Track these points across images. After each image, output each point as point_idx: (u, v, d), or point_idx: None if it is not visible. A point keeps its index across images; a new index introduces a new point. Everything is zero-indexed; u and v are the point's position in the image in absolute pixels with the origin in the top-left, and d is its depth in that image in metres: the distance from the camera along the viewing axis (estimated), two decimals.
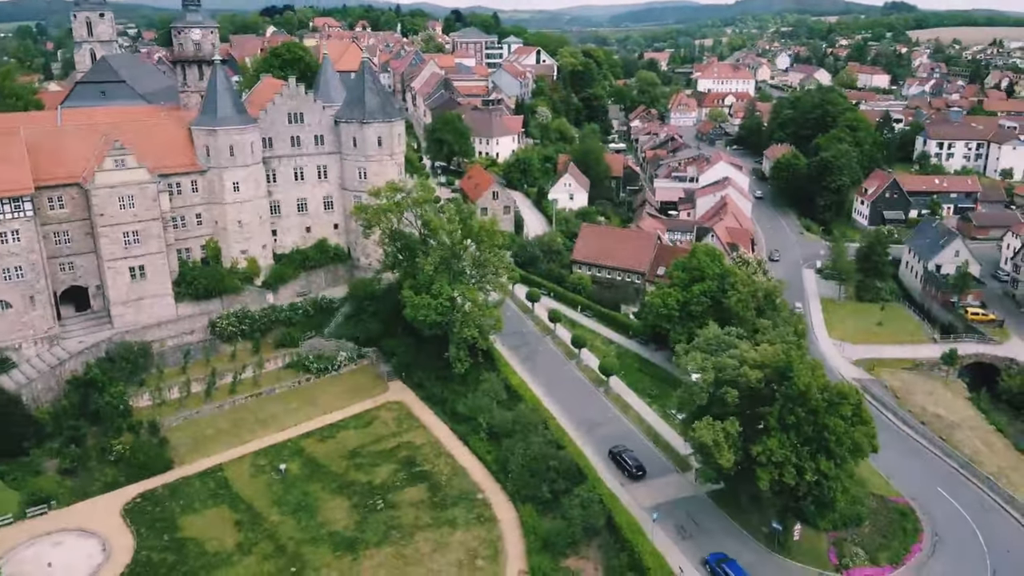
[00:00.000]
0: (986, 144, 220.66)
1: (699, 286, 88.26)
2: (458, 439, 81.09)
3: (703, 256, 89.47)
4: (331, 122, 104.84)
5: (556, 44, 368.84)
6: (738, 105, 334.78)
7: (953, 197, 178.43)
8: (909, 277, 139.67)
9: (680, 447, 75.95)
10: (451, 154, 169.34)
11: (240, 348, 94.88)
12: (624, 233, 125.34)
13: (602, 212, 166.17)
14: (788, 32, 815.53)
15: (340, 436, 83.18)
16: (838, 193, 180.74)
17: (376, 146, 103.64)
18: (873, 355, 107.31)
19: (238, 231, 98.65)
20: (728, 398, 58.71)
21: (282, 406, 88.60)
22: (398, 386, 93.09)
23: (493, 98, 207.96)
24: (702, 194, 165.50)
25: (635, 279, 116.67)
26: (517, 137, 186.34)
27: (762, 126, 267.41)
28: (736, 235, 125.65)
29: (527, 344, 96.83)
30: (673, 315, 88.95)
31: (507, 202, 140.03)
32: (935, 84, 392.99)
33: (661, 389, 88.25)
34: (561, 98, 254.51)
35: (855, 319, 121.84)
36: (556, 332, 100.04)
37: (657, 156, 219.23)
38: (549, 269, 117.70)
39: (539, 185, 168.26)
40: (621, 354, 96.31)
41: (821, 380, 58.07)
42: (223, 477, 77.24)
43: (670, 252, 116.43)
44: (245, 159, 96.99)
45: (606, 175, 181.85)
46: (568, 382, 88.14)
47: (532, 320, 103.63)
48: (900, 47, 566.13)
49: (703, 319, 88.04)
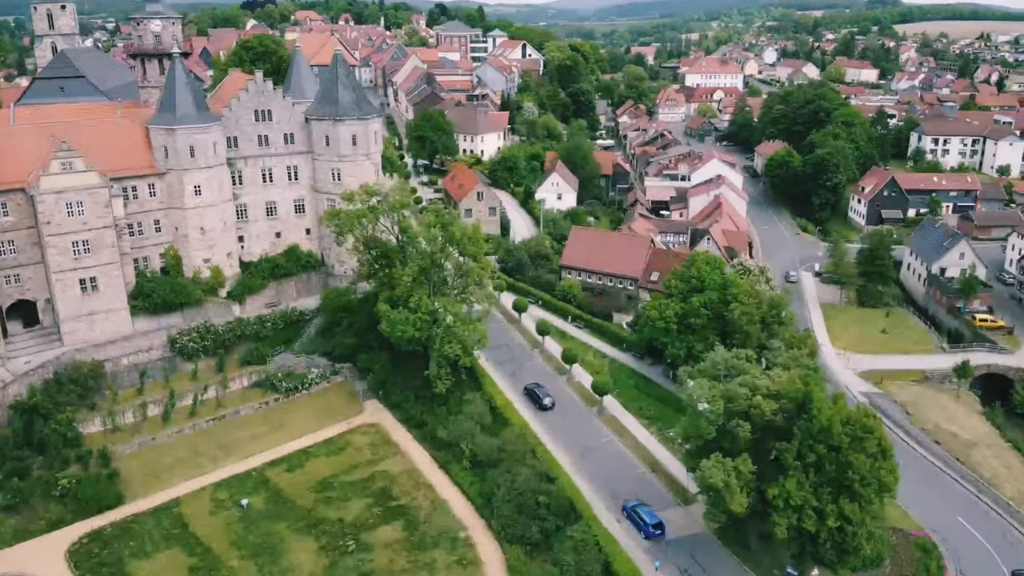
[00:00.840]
0: (982, 140, 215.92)
1: (699, 297, 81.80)
2: (438, 467, 74.26)
3: (703, 265, 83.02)
4: (302, 119, 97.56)
5: (542, 38, 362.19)
6: (727, 100, 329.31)
7: (952, 195, 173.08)
8: (911, 280, 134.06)
9: (681, 475, 69.54)
10: (434, 152, 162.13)
11: (202, 366, 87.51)
12: (616, 237, 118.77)
13: (591, 213, 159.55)
14: (774, 26, 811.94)
15: (309, 465, 76.12)
16: (834, 192, 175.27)
17: (350, 145, 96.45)
18: (880, 366, 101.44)
19: (200, 238, 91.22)
20: (740, 433, 52.34)
21: (247, 431, 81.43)
22: (374, 406, 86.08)
23: (478, 93, 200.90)
24: (695, 193, 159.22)
25: (628, 285, 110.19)
26: (503, 134, 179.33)
27: (752, 122, 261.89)
28: (733, 238, 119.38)
29: (514, 359, 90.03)
30: (671, 328, 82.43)
31: (493, 203, 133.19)
32: (925, 79, 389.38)
33: (659, 409, 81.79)
34: (548, 93, 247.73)
35: (858, 326, 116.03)
36: (545, 345, 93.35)
37: (647, 153, 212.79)
38: (537, 275, 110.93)
39: (526, 184, 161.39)
40: (615, 369, 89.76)
41: (844, 412, 51.76)
42: (179, 514, 70.06)
43: (664, 257, 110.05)
44: (207, 160, 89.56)
45: (595, 173, 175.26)
46: (558, 402, 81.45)
47: (519, 332, 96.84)
48: (887, 41, 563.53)
49: (703, 333, 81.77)
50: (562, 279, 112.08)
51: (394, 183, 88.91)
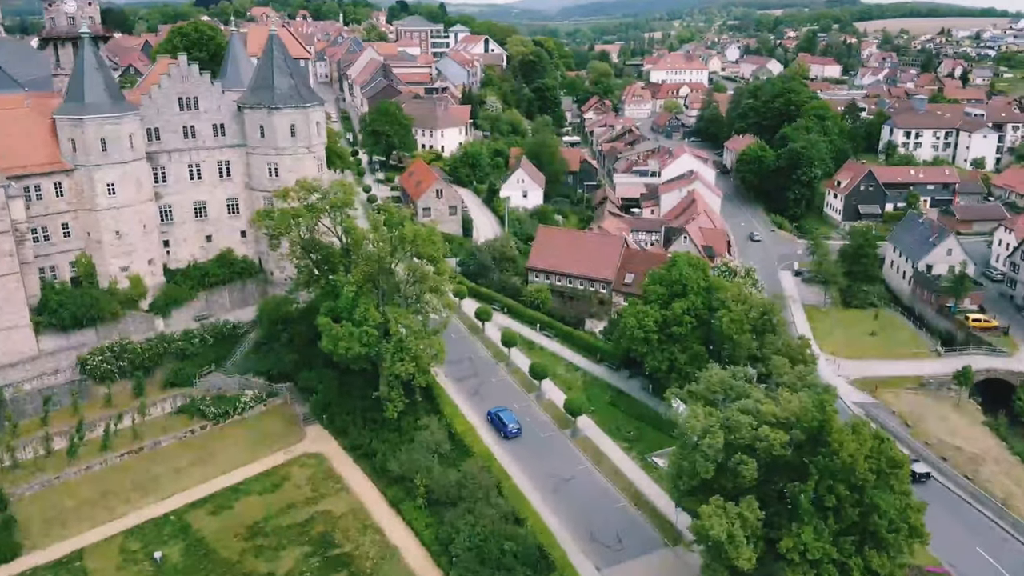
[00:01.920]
0: (955, 133, 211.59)
1: (681, 303, 72.96)
2: (389, 505, 64.38)
3: (685, 267, 74.22)
4: (234, 109, 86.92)
5: (505, 33, 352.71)
6: (694, 96, 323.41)
7: (930, 189, 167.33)
8: (896, 279, 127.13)
9: (668, 508, 60.61)
10: (390, 148, 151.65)
11: (117, 390, 76.51)
12: (586, 236, 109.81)
13: (559, 211, 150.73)
14: (736, 25, 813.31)
15: (239, 505, 65.70)
16: (809, 187, 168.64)
17: (288, 137, 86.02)
18: (872, 373, 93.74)
19: (116, 243, 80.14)
20: (744, 471, 43.49)
21: (168, 465, 70.72)
22: (317, 432, 75.88)
23: (437, 86, 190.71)
24: (666, 190, 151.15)
25: (600, 288, 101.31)
26: (464, 129, 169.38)
27: (720, 117, 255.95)
28: (711, 237, 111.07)
29: (477, 374, 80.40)
30: (651, 338, 73.45)
31: (453, 201, 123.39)
32: (889, 73, 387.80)
33: (639, 429, 72.79)
34: (511, 88, 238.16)
35: (844, 329, 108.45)
36: (511, 358, 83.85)
37: (614, 149, 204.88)
38: (502, 280, 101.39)
39: (489, 182, 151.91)
40: (589, 383, 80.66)
41: (868, 444, 43.16)
42: (82, 569, 59.39)
43: (639, 258, 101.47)
44: (122, 154, 78.58)
45: (562, 170, 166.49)
46: (527, 425, 72.05)
47: (482, 343, 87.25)
48: (848, 38, 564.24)
49: (686, 343, 72.96)
50: (529, 283, 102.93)
51: (336, 178, 78.54)
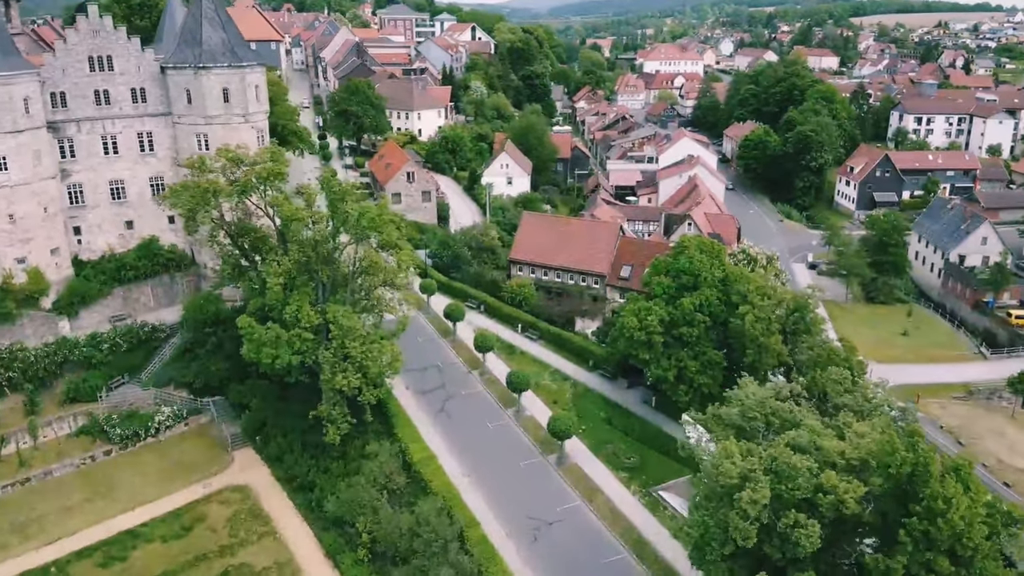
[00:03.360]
0: (968, 119, 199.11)
1: (692, 298, 59.53)
2: (325, 556, 50.84)
3: (696, 254, 60.84)
4: (156, 70, 73.13)
5: (493, 22, 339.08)
6: (689, 86, 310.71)
7: (950, 176, 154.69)
8: (922, 271, 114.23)
9: (681, 562, 47.19)
10: (360, 130, 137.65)
11: (6, 408, 62.71)
12: (577, 224, 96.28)
13: (547, 200, 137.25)
14: (728, 21, 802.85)
15: (136, 556, 52.00)
16: (819, 173, 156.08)
17: (220, 103, 72.32)
18: (912, 379, 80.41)
19: (10, 229, 66.42)
20: (802, 539, 30.25)
21: (58, 501, 57.00)
22: (247, 458, 62.28)
23: (416, 67, 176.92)
24: (665, 175, 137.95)
25: (593, 283, 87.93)
26: (445, 111, 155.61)
27: (719, 105, 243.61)
28: (719, 223, 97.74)
29: (443, 386, 66.73)
30: (654, 340, 59.94)
31: (427, 186, 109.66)
32: (889, 64, 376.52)
33: (640, 453, 59.38)
34: (498, 73, 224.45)
35: (872, 328, 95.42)
36: (486, 365, 70.27)
37: (607, 137, 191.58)
38: (479, 273, 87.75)
39: (471, 169, 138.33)
40: (579, 396, 67.14)
41: (984, 497, 30.06)
42: None
43: (637, 248, 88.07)
44: (15, 121, 64.96)
45: (551, 157, 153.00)
46: (502, 450, 58.48)
47: (453, 348, 73.62)
48: (844, 31, 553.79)
49: (699, 346, 59.54)
50: (511, 277, 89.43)
51: (264, 146, 64.77)
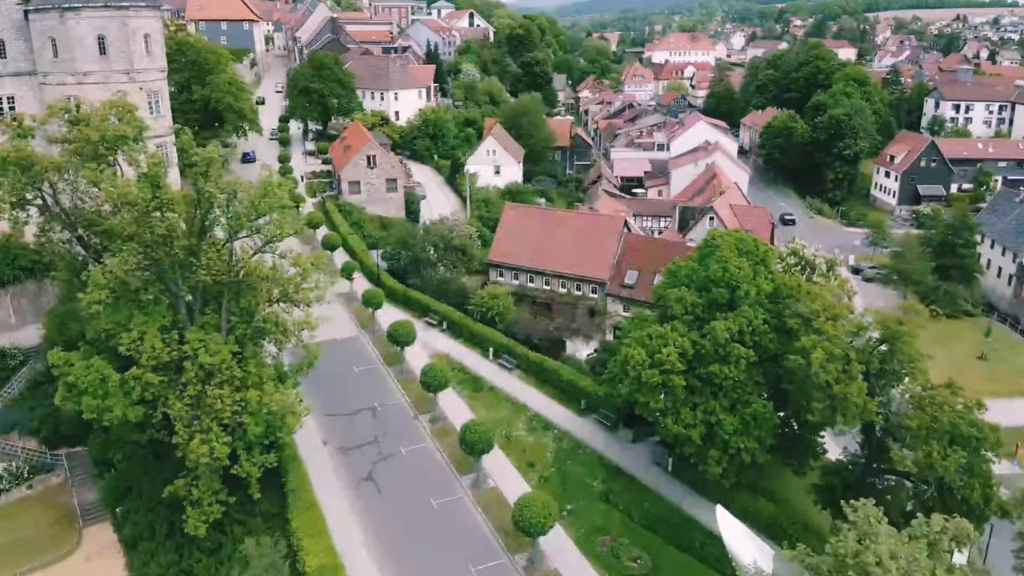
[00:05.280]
0: (1009, 106, 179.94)
1: (727, 321, 40.96)
2: None
3: (733, 256, 42.32)
4: (19, 18, 55.11)
5: (492, 7, 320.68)
6: (701, 75, 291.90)
7: (1001, 166, 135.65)
8: (988, 277, 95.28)
9: None
10: (326, 112, 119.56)
11: None
12: (570, 218, 77.63)
13: (542, 192, 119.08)
14: (738, 17, 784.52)
15: None
16: (853, 163, 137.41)
17: (96, 55, 54.53)
18: (1004, 419, 61.56)
19: None
20: None
21: None
22: (102, 538, 44.22)
23: (398, 46, 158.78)
24: (678, 164, 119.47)
25: (590, 291, 69.54)
26: (427, 92, 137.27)
27: (733, 93, 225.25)
28: (747, 217, 78.72)
29: (376, 440, 48.23)
30: (673, 384, 41.20)
31: (393, 172, 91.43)
32: (911, 55, 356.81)
33: (651, 547, 40.89)
34: (493, 58, 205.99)
35: (940, 348, 76.32)
36: (440, 408, 51.71)
37: (612, 126, 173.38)
38: (443, 280, 69.17)
39: (455, 157, 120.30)
40: (566, 455, 48.47)
41: None
42: None
43: (646, 247, 69.61)
44: None
45: (548, 145, 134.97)
46: (449, 547, 40.02)
47: (399, 382, 55.13)
48: (860, 24, 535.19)
49: (738, 392, 40.88)
50: (484, 288, 70.92)
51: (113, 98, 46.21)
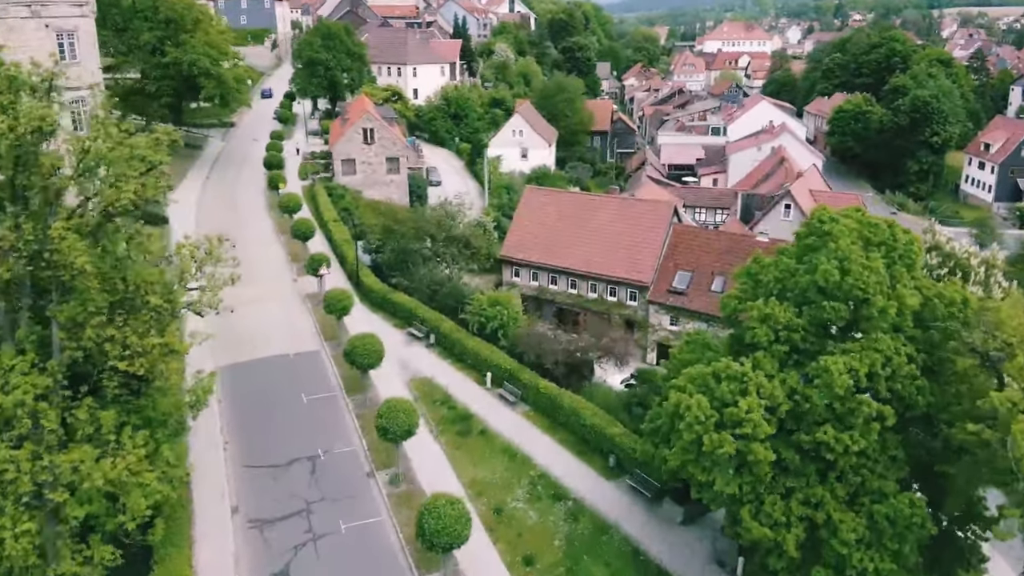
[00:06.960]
0: None
1: (847, 358, 24.96)
2: None
3: (851, 247, 26.50)
4: None
5: None
6: (756, 64, 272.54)
7: None
8: None
9: None
10: (335, 87, 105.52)
11: None
12: (605, 204, 61.66)
13: (575, 180, 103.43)
14: (794, 11, 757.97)
15: None
16: (939, 153, 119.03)
17: None
18: None
19: None
20: None
21: None
22: None
23: (423, 20, 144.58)
24: (736, 149, 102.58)
25: (628, 298, 53.88)
26: (449, 69, 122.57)
27: (794, 80, 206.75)
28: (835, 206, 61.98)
29: (308, 509, 33.19)
30: (756, 457, 25.01)
31: (393, 150, 76.74)
32: (984, 45, 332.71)
33: None
34: (528, 39, 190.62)
35: None
36: (405, 460, 36.37)
37: (659, 112, 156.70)
38: (433, 281, 53.65)
39: (477, 140, 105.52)
40: (582, 542, 32.69)
41: None
42: None
43: (701, 242, 53.72)
44: None
45: (584, 128, 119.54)
46: None
47: (359, 418, 40.01)
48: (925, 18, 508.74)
49: (868, 476, 24.86)
50: (501, 285, 55.75)
51: None
